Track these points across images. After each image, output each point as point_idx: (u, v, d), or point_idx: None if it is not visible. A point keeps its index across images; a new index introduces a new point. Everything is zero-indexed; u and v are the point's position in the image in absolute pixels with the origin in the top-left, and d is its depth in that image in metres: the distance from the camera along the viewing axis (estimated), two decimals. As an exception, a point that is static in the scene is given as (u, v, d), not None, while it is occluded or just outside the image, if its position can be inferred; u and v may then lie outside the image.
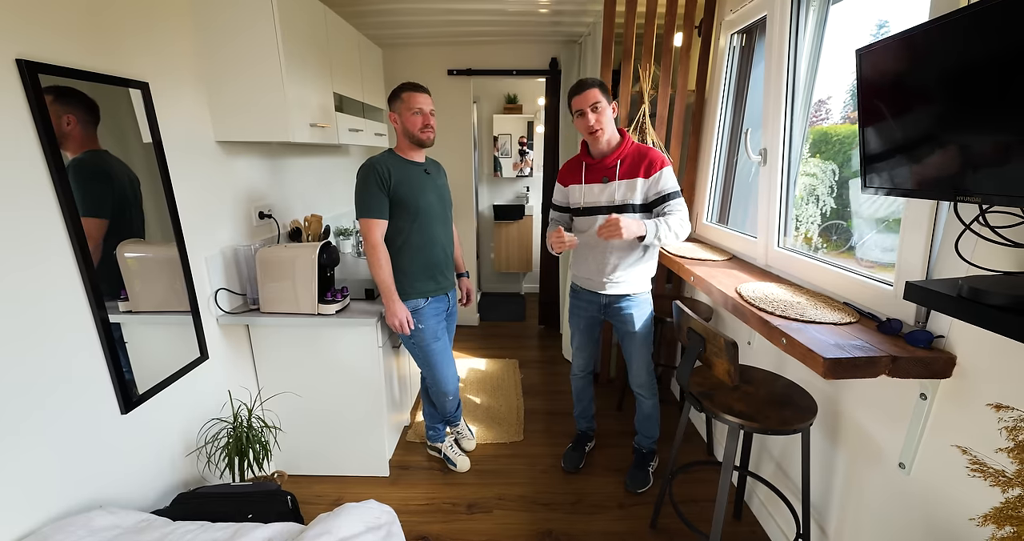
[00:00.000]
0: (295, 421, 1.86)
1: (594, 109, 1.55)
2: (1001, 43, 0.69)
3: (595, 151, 1.66)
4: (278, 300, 1.69)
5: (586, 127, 1.58)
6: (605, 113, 1.56)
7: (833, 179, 1.64)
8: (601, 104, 1.55)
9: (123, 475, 1.28)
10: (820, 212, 1.65)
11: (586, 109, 1.55)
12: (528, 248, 4.17)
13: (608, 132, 1.59)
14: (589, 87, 1.55)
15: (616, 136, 1.63)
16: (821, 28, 1.47)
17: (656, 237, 1.54)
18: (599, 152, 1.65)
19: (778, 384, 1.41)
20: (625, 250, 1.65)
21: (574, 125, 1.66)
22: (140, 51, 1.33)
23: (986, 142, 0.74)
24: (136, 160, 1.33)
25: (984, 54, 0.72)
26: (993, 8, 0.69)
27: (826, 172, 1.64)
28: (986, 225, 0.78)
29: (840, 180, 1.63)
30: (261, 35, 1.50)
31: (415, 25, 2.67)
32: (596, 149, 1.65)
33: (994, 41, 0.70)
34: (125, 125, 1.30)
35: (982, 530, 0.92)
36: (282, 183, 2.10)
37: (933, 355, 1.02)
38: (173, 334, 1.49)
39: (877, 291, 1.23)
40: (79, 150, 1.16)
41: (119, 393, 1.26)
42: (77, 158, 1.15)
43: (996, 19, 0.69)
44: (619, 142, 1.63)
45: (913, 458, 1.10)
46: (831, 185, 1.65)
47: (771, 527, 1.68)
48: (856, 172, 1.57)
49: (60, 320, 1.10)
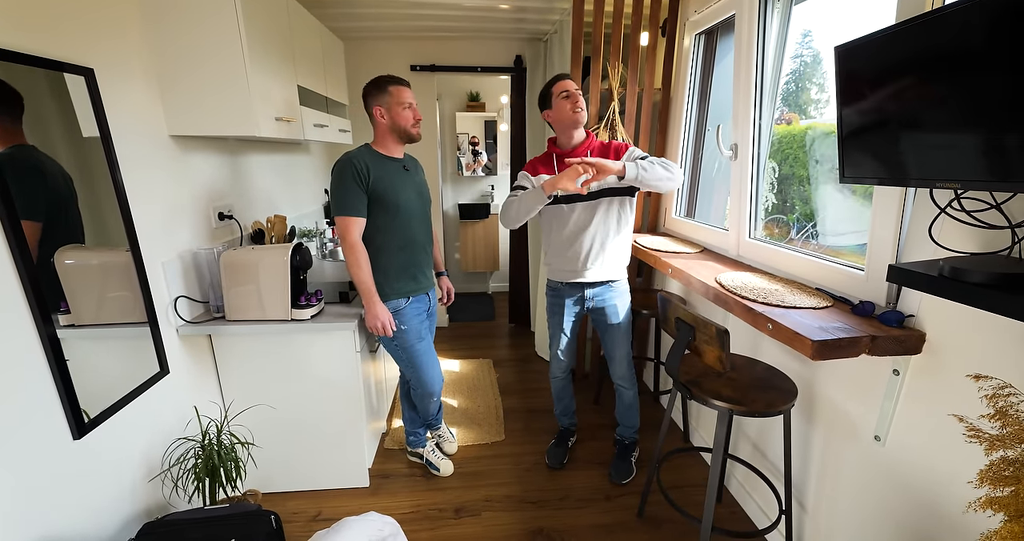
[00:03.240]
0: (266, 435, 1.73)
1: (577, 90, 1.63)
2: (969, 43, 0.75)
3: (564, 141, 1.70)
4: (246, 307, 1.58)
5: (573, 104, 1.61)
6: (582, 99, 1.63)
7: (773, 176, 1.75)
8: (580, 90, 1.63)
9: (78, 508, 1.14)
10: (764, 207, 1.76)
11: (571, 89, 1.62)
12: (495, 247, 4.14)
13: (585, 118, 1.64)
14: (569, 76, 1.65)
15: (583, 132, 1.70)
16: (785, 27, 1.55)
17: (641, 169, 1.51)
18: (567, 144, 1.69)
19: (758, 368, 1.47)
20: (600, 228, 1.69)
21: (554, 110, 1.67)
22: (82, 32, 1.19)
23: (966, 133, 0.80)
24: (72, 156, 1.17)
25: (954, 51, 0.78)
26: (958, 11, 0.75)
27: (766, 170, 1.74)
28: (962, 210, 0.84)
29: (780, 177, 1.73)
30: (222, 21, 1.39)
31: (377, 18, 2.58)
32: (565, 137, 1.69)
33: (962, 40, 0.76)
34: (55, 117, 1.14)
35: (957, 492, 1.00)
36: (241, 182, 1.96)
37: (906, 333, 1.09)
38: (126, 348, 1.35)
39: (849, 276, 1.31)
40: (2, 145, 1.01)
41: (70, 417, 1.12)
42: (1, 154, 1.00)
43: (959, 21, 0.75)
44: (585, 137, 1.70)
45: (887, 430, 1.18)
46: (772, 182, 1.75)
47: (751, 507, 1.75)
48: (794, 170, 1.69)
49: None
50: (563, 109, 1.63)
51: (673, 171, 1.56)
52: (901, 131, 0.90)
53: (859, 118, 0.99)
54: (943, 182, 0.84)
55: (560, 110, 1.64)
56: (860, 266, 1.29)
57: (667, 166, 1.56)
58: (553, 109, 1.66)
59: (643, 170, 1.52)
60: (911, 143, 0.89)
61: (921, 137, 0.87)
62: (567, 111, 1.62)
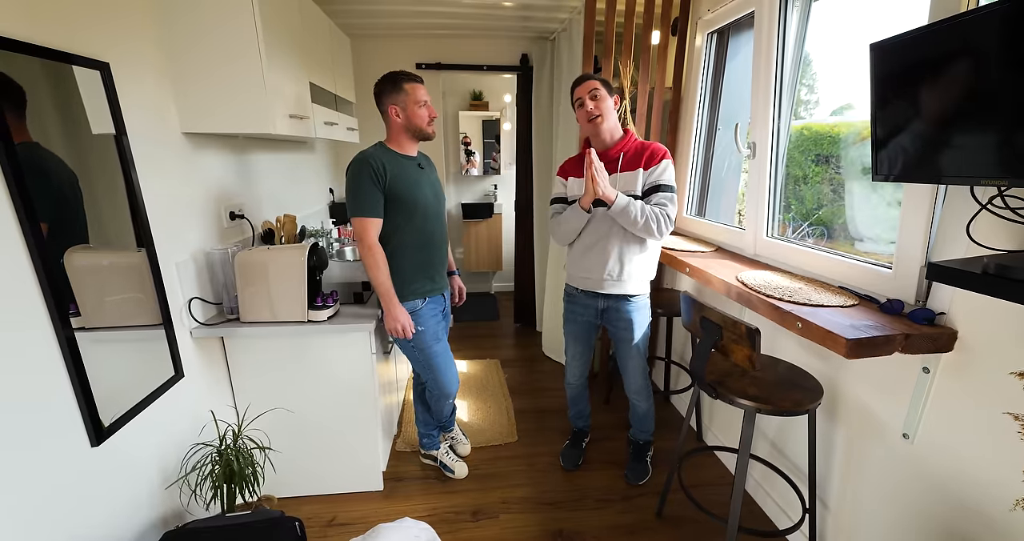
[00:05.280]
0: (280, 439, 1.70)
1: (592, 97, 1.55)
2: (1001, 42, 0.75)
3: (597, 144, 1.64)
4: (261, 308, 1.54)
5: (585, 114, 1.57)
6: (605, 102, 1.56)
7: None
8: (600, 92, 1.55)
9: (96, 516, 1.11)
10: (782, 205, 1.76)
11: (584, 97, 1.56)
12: (498, 247, 4.12)
13: (609, 120, 1.58)
14: (589, 78, 1.58)
15: (619, 130, 1.63)
16: (804, 25, 1.55)
17: (628, 207, 1.48)
18: (601, 145, 1.63)
19: (781, 367, 1.47)
20: (626, 241, 1.62)
21: (576, 115, 1.64)
22: (98, 25, 1.16)
23: (1010, 128, 0.79)
24: (78, 154, 1.13)
25: (999, 48, 0.78)
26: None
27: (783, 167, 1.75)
28: (1006, 207, 0.84)
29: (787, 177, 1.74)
30: (238, 13, 1.36)
31: (384, 14, 2.55)
32: (597, 140, 1.63)
33: (1007, 37, 0.76)
34: (60, 112, 1.09)
35: (995, 490, 1.00)
36: (251, 181, 1.93)
37: (938, 331, 1.09)
38: (140, 352, 1.31)
39: (874, 274, 1.31)
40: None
41: (89, 423, 1.08)
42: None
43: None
44: (622, 136, 1.63)
45: (916, 428, 1.18)
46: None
47: (769, 505, 1.75)
48: (789, 170, 1.70)
49: (16, 342, 0.93)
50: (580, 119, 1.61)
51: (656, 225, 1.50)
52: (942, 129, 0.90)
53: (895, 116, 0.99)
54: (988, 179, 0.83)
55: (579, 118, 1.62)
56: (885, 263, 1.29)
57: (655, 218, 1.49)
58: (576, 114, 1.64)
59: (627, 214, 1.48)
60: (952, 141, 0.88)
61: (964, 135, 0.87)
62: (583, 121, 1.60)
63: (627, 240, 1.62)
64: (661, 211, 1.51)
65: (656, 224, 1.50)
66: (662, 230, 1.52)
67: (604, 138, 1.61)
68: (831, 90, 1.68)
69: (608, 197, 1.49)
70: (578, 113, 1.60)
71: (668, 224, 1.52)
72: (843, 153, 1.70)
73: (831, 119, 1.75)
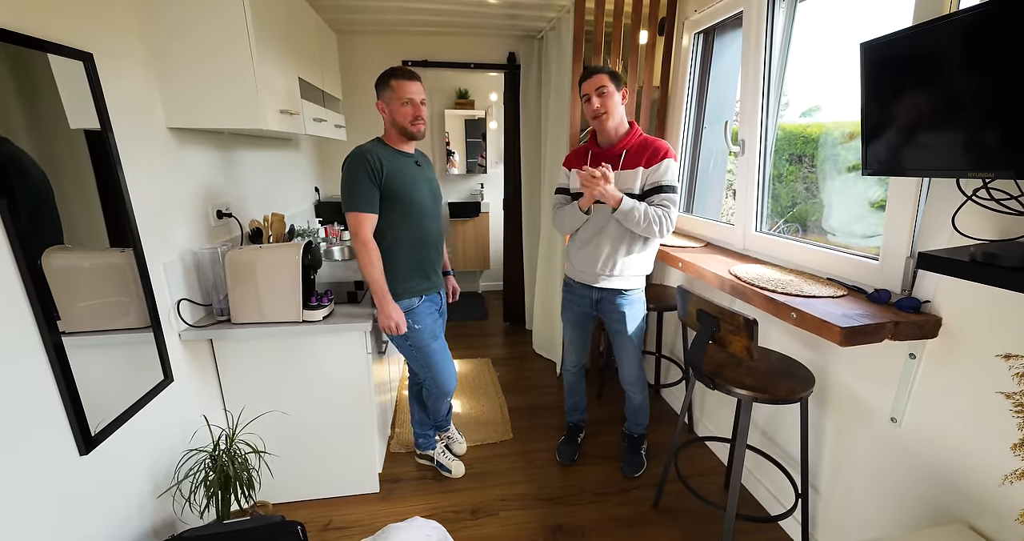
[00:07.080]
0: (273, 442, 1.65)
1: (599, 94, 1.56)
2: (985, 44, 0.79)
3: (602, 139, 1.66)
4: (253, 309, 1.50)
5: (591, 111, 1.58)
6: (612, 98, 1.56)
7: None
8: (607, 89, 1.56)
9: (86, 528, 1.06)
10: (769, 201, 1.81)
11: (591, 93, 1.57)
12: (485, 245, 4.11)
13: (614, 118, 1.58)
14: (597, 73, 1.57)
15: (624, 125, 1.63)
16: (790, 26, 1.60)
17: (633, 210, 1.50)
18: (606, 140, 1.65)
19: (773, 357, 1.51)
20: (623, 239, 1.64)
21: (584, 112, 1.65)
22: (81, 14, 1.11)
23: (996, 123, 0.84)
24: (51, 150, 1.06)
25: (978, 50, 0.82)
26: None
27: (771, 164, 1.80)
28: (991, 198, 0.89)
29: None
30: (226, 4, 1.32)
31: (371, 10, 2.51)
32: (603, 136, 1.65)
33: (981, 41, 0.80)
34: (30, 106, 1.01)
35: (980, 468, 1.06)
36: (237, 179, 1.87)
37: (923, 318, 1.15)
38: (127, 356, 1.26)
39: (861, 265, 1.36)
40: None
41: (77, 431, 1.04)
42: None
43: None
44: (627, 132, 1.63)
45: (904, 412, 1.23)
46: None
47: (760, 492, 1.80)
48: (779, 171, 1.75)
49: (1, 348, 0.88)
50: (587, 113, 1.62)
51: (659, 227, 1.52)
52: (929, 125, 0.94)
53: (884, 112, 1.03)
54: (974, 172, 0.88)
55: (586, 112, 1.63)
56: (872, 255, 1.35)
57: (658, 219, 1.51)
58: (583, 108, 1.65)
59: (631, 217, 1.51)
60: (940, 136, 0.93)
61: (950, 131, 0.91)
62: (589, 117, 1.62)
63: (623, 237, 1.64)
64: (664, 213, 1.54)
65: (659, 225, 1.53)
66: (664, 231, 1.55)
67: (609, 134, 1.62)
68: (800, 92, 1.74)
69: (613, 201, 1.51)
70: (585, 108, 1.62)
71: (670, 225, 1.55)
72: (819, 152, 1.76)
73: (801, 120, 1.81)
